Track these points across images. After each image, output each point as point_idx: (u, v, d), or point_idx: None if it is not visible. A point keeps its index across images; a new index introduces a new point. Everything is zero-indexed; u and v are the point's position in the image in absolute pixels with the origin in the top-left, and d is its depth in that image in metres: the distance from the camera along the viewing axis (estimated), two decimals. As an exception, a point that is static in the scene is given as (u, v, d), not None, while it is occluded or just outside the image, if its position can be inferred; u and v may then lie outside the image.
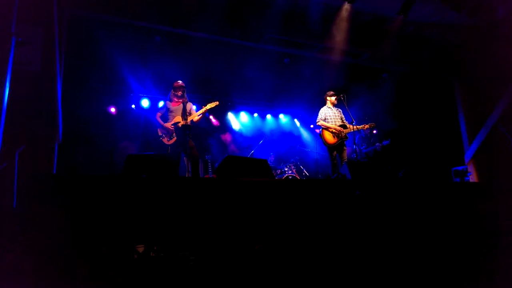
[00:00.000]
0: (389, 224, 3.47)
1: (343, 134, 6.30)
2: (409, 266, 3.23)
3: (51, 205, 2.74)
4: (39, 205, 2.71)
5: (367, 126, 6.52)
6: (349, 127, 6.32)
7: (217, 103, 5.84)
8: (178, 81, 5.82)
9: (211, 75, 8.01)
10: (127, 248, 2.90)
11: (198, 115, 5.70)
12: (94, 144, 7.14)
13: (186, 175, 5.65)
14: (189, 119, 5.62)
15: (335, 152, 6.33)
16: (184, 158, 5.68)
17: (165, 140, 5.71)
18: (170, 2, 6.53)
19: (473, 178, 8.06)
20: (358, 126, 6.35)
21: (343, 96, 6.37)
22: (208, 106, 5.77)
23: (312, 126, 10.23)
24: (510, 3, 6.85)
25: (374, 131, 8.85)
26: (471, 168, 8.25)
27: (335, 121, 6.41)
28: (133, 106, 8.23)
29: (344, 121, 6.51)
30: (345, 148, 6.37)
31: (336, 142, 6.28)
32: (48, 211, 2.69)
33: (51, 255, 2.56)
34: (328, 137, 6.33)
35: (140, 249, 3.06)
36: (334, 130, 6.30)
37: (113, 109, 8.02)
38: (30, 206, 2.71)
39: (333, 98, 6.57)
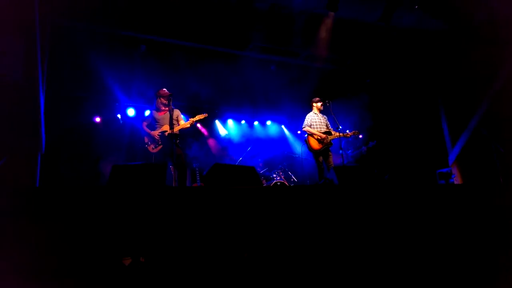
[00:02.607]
0: (377, 228, 3.50)
1: (327, 141, 6.39)
2: (397, 271, 3.26)
3: (35, 219, 2.68)
4: (22, 219, 2.65)
5: (350, 134, 6.59)
6: (334, 134, 6.42)
7: (206, 115, 5.82)
8: (164, 89, 5.78)
9: (197, 83, 8.00)
10: (114, 261, 2.85)
11: (186, 126, 5.67)
12: (79, 154, 7.04)
13: (173, 184, 5.61)
14: (177, 128, 5.58)
15: (320, 158, 6.41)
16: (171, 167, 5.64)
17: (150, 148, 5.66)
18: (155, 11, 6.53)
19: (457, 180, 8.20)
20: (341, 134, 6.43)
21: (328, 102, 6.46)
22: (197, 117, 5.75)
23: (299, 132, 10.29)
24: (486, 10, 7.05)
25: (360, 136, 8.95)
26: (455, 170, 8.39)
27: (320, 128, 6.49)
28: (118, 115, 8.14)
29: (329, 127, 6.60)
30: (330, 153, 6.45)
31: (321, 148, 6.36)
32: (32, 225, 2.63)
33: (35, 270, 2.50)
34: (313, 143, 6.42)
35: (127, 261, 3.02)
36: (318, 137, 6.38)
37: (98, 119, 7.91)
38: (13, 221, 2.65)
39: (319, 104, 6.66)
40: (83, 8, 5.89)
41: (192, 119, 5.71)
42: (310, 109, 6.80)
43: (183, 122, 5.72)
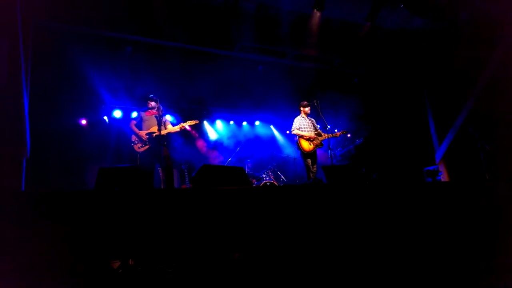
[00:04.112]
0: (366, 226, 3.52)
1: (318, 142, 6.46)
2: (386, 268, 3.29)
3: (20, 224, 2.63)
4: (6, 224, 2.60)
5: (339, 133, 6.67)
6: (323, 135, 6.50)
7: (197, 121, 5.96)
8: (151, 95, 5.89)
9: (185, 84, 7.96)
10: (103, 264, 2.82)
11: (175, 130, 5.76)
12: (65, 157, 6.93)
13: (162, 186, 5.58)
14: (165, 132, 5.64)
15: (309, 160, 6.46)
16: (159, 168, 5.62)
17: (136, 147, 5.68)
18: (142, 12, 6.47)
19: (444, 177, 8.30)
20: (330, 134, 6.49)
21: (316, 102, 6.49)
22: (188, 123, 5.89)
23: (288, 132, 10.30)
24: (470, 9, 7.17)
25: (348, 135, 9.01)
26: (442, 168, 8.50)
27: (309, 131, 6.55)
28: (105, 117, 8.04)
29: (318, 129, 6.65)
30: (316, 157, 6.56)
31: (312, 149, 6.42)
32: (16, 230, 2.58)
33: (21, 275, 2.45)
34: (304, 145, 6.47)
35: (116, 264, 2.98)
36: (309, 138, 6.43)
37: (84, 121, 7.80)
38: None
39: (306, 109, 6.74)
40: (67, 9, 5.82)
41: (182, 124, 5.80)
42: (298, 108, 6.84)
43: (170, 126, 5.80)
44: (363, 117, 9.15)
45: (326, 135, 6.46)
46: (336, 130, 6.76)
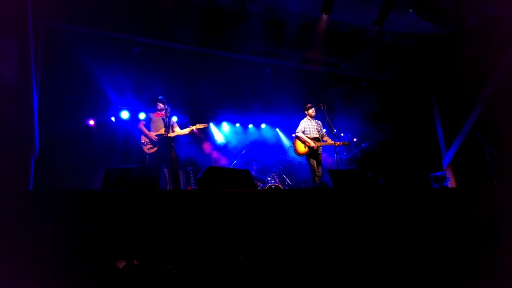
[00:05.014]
0: (371, 231, 3.50)
1: (315, 146, 6.43)
2: (391, 272, 3.27)
3: (27, 222, 2.66)
4: (15, 223, 2.63)
5: (338, 143, 6.56)
6: (326, 140, 6.55)
7: (205, 125, 6.03)
8: (160, 97, 5.94)
9: (192, 85, 7.99)
10: (109, 264, 2.83)
11: (184, 133, 5.84)
12: (73, 157, 6.98)
13: (167, 187, 5.61)
14: (173, 134, 5.71)
15: (313, 161, 6.44)
16: (165, 170, 5.65)
17: (145, 148, 5.73)
18: (149, 14, 6.53)
19: (451, 183, 8.22)
20: (330, 142, 6.52)
21: (323, 105, 6.49)
22: (196, 126, 5.96)
23: (294, 135, 10.28)
24: (479, 14, 7.12)
25: (355, 139, 8.98)
26: (449, 174, 8.43)
27: (313, 133, 6.56)
28: (112, 118, 8.10)
29: (320, 133, 6.66)
30: (321, 159, 6.57)
31: (307, 152, 6.45)
32: (24, 229, 2.61)
33: (29, 274, 2.47)
34: (299, 147, 6.51)
35: (121, 264, 3.00)
36: (308, 144, 6.44)
37: (92, 122, 7.86)
38: (5, 225, 2.62)
39: (310, 111, 6.75)
40: (76, 10, 5.88)
41: (191, 127, 5.86)
42: (304, 112, 6.86)
43: (178, 129, 5.86)
44: (370, 121, 9.11)
45: (327, 142, 6.47)
46: (342, 134, 6.73)
